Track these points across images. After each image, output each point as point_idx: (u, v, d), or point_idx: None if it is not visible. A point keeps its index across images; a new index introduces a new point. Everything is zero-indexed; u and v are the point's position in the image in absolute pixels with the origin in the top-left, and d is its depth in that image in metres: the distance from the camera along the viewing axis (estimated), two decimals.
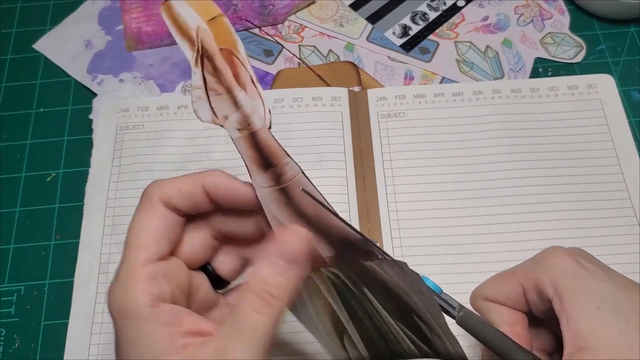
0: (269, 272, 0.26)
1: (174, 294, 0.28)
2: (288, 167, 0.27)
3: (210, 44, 0.26)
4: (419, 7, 0.55)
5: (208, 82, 0.26)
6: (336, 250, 0.27)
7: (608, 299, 0.28)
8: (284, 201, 0.27)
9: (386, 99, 0.49)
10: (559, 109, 0.48)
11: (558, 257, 0.30)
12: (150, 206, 0.28)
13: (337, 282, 0.27)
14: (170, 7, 0.26)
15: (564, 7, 0.55)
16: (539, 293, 0.30)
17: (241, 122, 0.26)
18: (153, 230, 0.27)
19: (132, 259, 0.27)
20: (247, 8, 0.55)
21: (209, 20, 0.26)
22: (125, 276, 0.27)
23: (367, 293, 0.27)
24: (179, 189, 0.28)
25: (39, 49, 0.54)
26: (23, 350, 0.41)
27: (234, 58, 0.26)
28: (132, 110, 0.49)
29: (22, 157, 0.48)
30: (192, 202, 0.28)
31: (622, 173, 0.45)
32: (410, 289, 0.26)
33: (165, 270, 0.28)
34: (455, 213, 0.44)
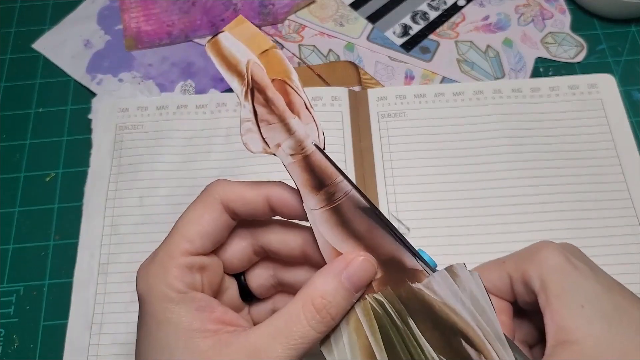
0: (334, 292, 0.26)
1: (204, 287, 0.28)
2: (340, 185, 0.27)
3: (262, 76, 0.26)
4: (419, 7, 0.55)
5: (259, 114, 0.26)
6: (383, 270, 0.27)
7: (592, 298, 0.28)
8: (335, 221, 0.27)
9: (386, 99, 0.49)
10: (559, 109, 0.48)
11: (547, 252, 0.30)
12: (208, 203, 0.28)
13: (380, 313, 0.27)
14: (218, 42, 0.26)
15: (565, 7, 0.55)
16: (525, 285, 0.30)
17: (294, 147, 0.27)
18: (203, 228, 0.27)
19: (174, 246, 0.27)
20: (247, 7, 0.55)
21: (261, 54, 0.26)
22: (163, 259, 0.27)
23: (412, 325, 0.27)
24: (242, 195, 0.28)
25: (38, 48, 0.54)
26: (22, 351, 0.41)
27: (287, 86, 0.26)
28: (131, 110, 0.49)
29: (21, 157, 0.48)
30: (252, 211, 0.28)
31: (622, 173, 0.45)
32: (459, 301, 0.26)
33: (203, 264, 0.28)
34: (455, 213, 0.44)
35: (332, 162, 0.27)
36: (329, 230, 0.27)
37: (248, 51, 0.26)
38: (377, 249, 0.27)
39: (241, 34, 0.26)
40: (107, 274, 0.42)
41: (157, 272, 0.27)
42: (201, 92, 0.51)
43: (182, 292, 0.26)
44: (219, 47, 0.26)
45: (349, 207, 0.27)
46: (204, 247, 0.28)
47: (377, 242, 0.27)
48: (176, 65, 0.53)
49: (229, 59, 0.26)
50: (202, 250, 0.28)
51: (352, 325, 0.27)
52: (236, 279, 0.31)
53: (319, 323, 0.26)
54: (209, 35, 0.54)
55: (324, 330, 0.26)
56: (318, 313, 0.26)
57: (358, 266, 0.26)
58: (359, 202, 0.27)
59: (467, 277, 0.26)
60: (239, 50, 0.26)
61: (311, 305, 0.26)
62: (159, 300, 0.26)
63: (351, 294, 0.26)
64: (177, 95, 0.51)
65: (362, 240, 0.27)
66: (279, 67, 0.26)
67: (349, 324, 0.27)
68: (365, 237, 0.27)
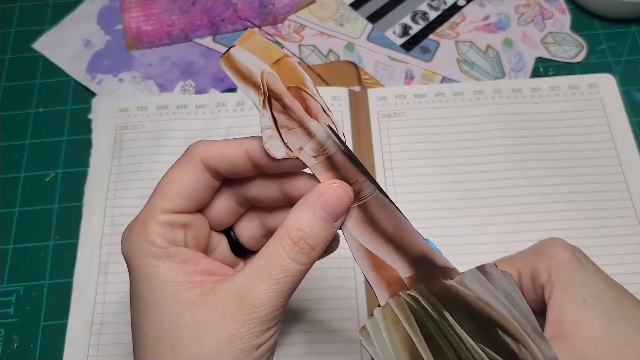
0: (310, 223, 0.26)
1: (189, 244, 0.28)
2: (365, 184, 0.27)
3: (277, 85, 0.26)
4: (419, 7, 0.55)
5: (278, 121, 0.27)
6: (415, 269, 0.28)
7: (595, 294, 0.28)
8: (363, 218, 0.28)
9: (386, 99, 0.49)
10: (559, 109, 0.48)
11: (556, 248, 0.31)
12: (189, 163, 0.28)
13: (416, 307, 0.27)
14: (231, 57, 0.27)
15: (565, 7, 0.55)
16: (533, 280, 0.30)
17: (316, 149, 0.27)
18: (183, 187, 0.28)
19: (155, 205, 0.27)
20: (247, 7, 0.55)
21: (274, 63, 0.26)
22: (144, 218, 0.27)
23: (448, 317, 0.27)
24: (222, 152, 0.28)
25: (38, 48, 0.54)
26: (22, 351, 0.41)
27: (303, 93, 0.26)
28: (131, 110, 0.49)
29: (21, 157, 0.48)
30: (232, 166, 0.28)
31: (622, 173, 0.45)
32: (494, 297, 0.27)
33: (185, 221, 0.28)
34: (455, 213, 0.44)
35: (356, 162, 0.27)
36: (357, 227, 0.28)
37: (261, 62, 0.26)
38: (407, 248, 0.28)
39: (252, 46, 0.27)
40: (107, 274, 0.42)
41: (139, 230, 0.27)
42: (201, 92, 0.51)
43: (163, 247, 0.27)
44: (232, 61, 0.27)
45: (376, 206, 0.27)
46: (184, 205, 0.28)
47: (407, 241, 0.28)
48: (176, 65, 0.53)
49: (243, 72, 0.27)
50: (184, 209, 0.28)
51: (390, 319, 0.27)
52: (226, 236, 0.31)
53: (299, 254, 0.26)
54: (209, 35, 0.54)
55: (306, 262, 0.26)
56: (296, 244, 0.26)
57: (331, 194, 0.27)
58: (384, 202, 0.27)
59: (499, 275, 0.27)
60: (251, 63, 0.27)
61: (288, 238, 0.26)
62: (142, 256, 0.27)
63: (328, 223, 0.27)
64: (177, 95, 0.51)
65: (391, 239, 0.28)
66: (292, 75, 0.26)
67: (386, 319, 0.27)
68: (394, 236, 0.28)
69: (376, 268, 0.28)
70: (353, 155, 0.27)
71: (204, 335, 0.25)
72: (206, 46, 0.53)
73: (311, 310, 0.41)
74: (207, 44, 0.54)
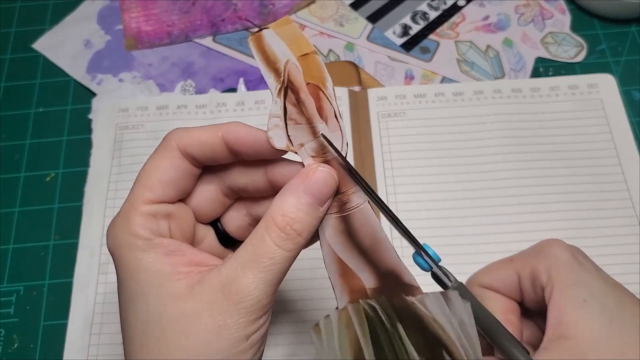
0: (294, 208, 0.26)
1: (174, 236, 0.28)
2: (354, 195, 0.27)
3: (298, 77, 0.26)
4: (419, 7, 0.55)
5: (289, 112, 0.26)
6: (381, 282, 0.28)
7: (596, 294, 0.28)
8: (342, 229, 0.27)
9: (386, 99, 0.49)
10: (559, 109, 0.48)
11: (556, 248, 0.30)
12: (165, 151, 0.28)
13: (372, 315, 0.27)
14: (261, 37, 0.27)
15: (565, 7, 0.55)
16: (533, 281, 0.30)
17: (317, 150, 0.27)
18: (162, 175, 0.27)
19: (136, 196, 0.27)
20: (247, 7, 0.55)
21: (301, 56, 0.26)
22: (126, 211, 0.27)
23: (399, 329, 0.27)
24: (198, 137, 0.28)
25: (38, 48, 0.54)
26: (22, 351, 0.41)
27: (320, 93, 0.26)
28: (131, 110, 0.49)
29: (21, 157, 0.48)
30: (209, 152, 0.28)
31: (622, 173, 0.45)
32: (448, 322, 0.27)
33: (168, 211, 0.28)
34: (455, 213, 0.44)
35: (354, 173, 0.27)
36: (333, 235, 0.28)
37: (289, 51, 0.26)
38: (378, 262, 0.28)
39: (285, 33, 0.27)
40: (107, 273, 0.42)
41: (122, 223, 0.27)
42: (201, 92, 0.51)
43: (147, 238, 0.26)
44: (261, 42, 0.27)
45: (358, 220, 0.27)
46: (165, 194, 0.27)
47: (380, 256, 0.28)
48: (176, 65, 0.53)
49: (269, 55, 0.27)
50: (165, 198, 0.28)
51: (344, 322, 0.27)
52: (213, 227, 0.31)
53: (285, 240, 0.26)
54: (209, 36, 0.54)
55: (292, 248, 0.26)
56: (282, 231, 0.26)
57: (315, 178, 0.26)
58: (369, 216, 0.27)
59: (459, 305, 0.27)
60: (280, 49, 0.26)
61: (273, 225, 0.26)
62: (127, 249, 0.26)
63: (313, 207, 0.26)
64: (177, 95, 0.51)
65: (364, 253, 0.28)
66: (316, 73, 0.26)
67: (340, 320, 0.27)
68: (368, 250, 0.27)
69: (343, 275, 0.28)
70: (352, 168, 0.27)
71: (190, 327, 0.25)
72: (206, 46, 0.53)
73: (308, 310, 0.40)
74: (207, 44, 0.54)
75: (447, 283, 0.29)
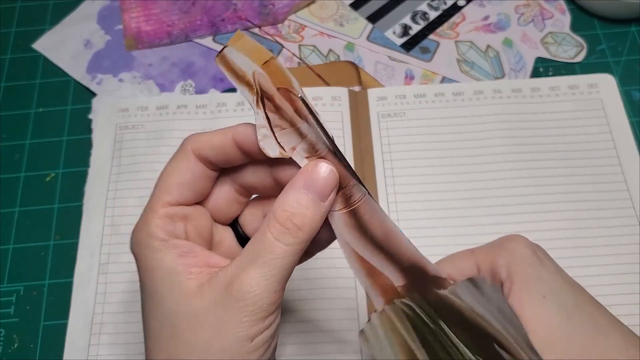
0: (294, 203, 0.26)
1: (191, 237, 0.29)
2: (356, 188, 0.27)
3: (267, 85, 0.26)
4: (419, 7, 0.55)
5: (272, 120, 0.27)
6: (407, 277, 0.28)
7: (555, 291, 0.28)
8: (353, 224, 0.28)
9: (386, 99, 0.49)
10: (559, 109, 0.48)
11: (516, 244, 0.30)
12: (182, 155, 0.29)
13: (411, 314, 0.27)
14: (225, 56, 0.27)
15: (565, 7, 0.55)
16: (492, 275, 0.30)
17: (308, 150, 0.27)
18: (178, 177, 0.28)
19: (155, 200, 0.28)
20: (247, 7, 0.55)
21: (263, 64, 0.26)
22: (146, 214, 0.28)
23: (443, 327, 0.27)
24: (210, 141, 0.28)
25: (38, 48, 0.54)
26: (22, 351, 0.41)
27: (291, 95, 0.26)
28: (131, 110, 0.49)
29: (22, 157, 0.48)
30: (222, 154, 0.28)
31: (622, 173, 0.45)
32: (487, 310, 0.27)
33: (185, 213, 0.29)
34: (455, 213, 0.44)
35: (346, 165, 0.27)
36: (348, 233, 0.28)
37: (252, 63, 0.27)
38: (397, 255, 0.28)
39: (243, 47, 0.27)
40: (107, 274, 0.42)
41: (141, 225, 0.28)
42: (201, 92, 0.51)
43: (163, 239, 0.27)
44: (226, 60, 0.27)
45: (366, 211, 0.27)
46: (182, 196, 0.28)
47: (396, 248, 0.28)
48: (176, 65, 0.53)
49: (237, 71, 0.27)
50: (182, 200, 0.28)
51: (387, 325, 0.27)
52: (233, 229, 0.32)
53: (285, 234, 0.26)
54: (209, 36, 0.54)
55: (293, 242, 0.26)
56: (282, 225, 0.26)
57: (315, 173, 0.27)
58: (375, 207, 0.27)
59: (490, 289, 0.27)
60: (244, 63, 0.27)
61: (274, 220, 0.26)
62: (145, 250, 0.27)
63: (314, 202, 0.26)
64: (177, 95, 0.51)
65: (381, 247, 0.28)
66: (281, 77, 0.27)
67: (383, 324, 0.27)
68: (383, 243, 0.28)
69: (370, 275, 0.28)
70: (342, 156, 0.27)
71: (198, 325, 0.25)
72: (206, 46, 0.53)
73: (311, 310, 0.41)
74: (207, 44, 0.54)
75: None
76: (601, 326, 0.28)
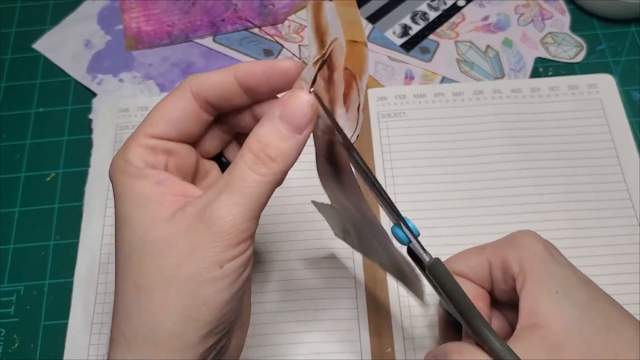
0: (269, 134, 0.26)
1: (171, 170, 0.28)
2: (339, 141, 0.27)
3: (339, 57, 0.26)
4: (419, 7, 0.55)
5: (317, 84, 0.26)
6: None
7: (568, 286, 0.28)
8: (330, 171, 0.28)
9: (386, 99, 0.49)
10: (559, 109, 0.48)
11: (528, 239, 0.30)
12: (178, 93, 0.28)
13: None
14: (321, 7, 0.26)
15: (565, 7, 0.55)
16: (504, 270, 0.30)
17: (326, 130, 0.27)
18: (167, 114, 0.28)
19: (139, 130, 0.28)
20: (247, 8, 0.55)
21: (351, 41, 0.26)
22: (127, 141, 0.28)
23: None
24: (210, 78, 0.28)
25: (38, 48, 0.54)
26: (22, 351, 0.41)
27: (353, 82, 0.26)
28: (131, 110, 0.49)
29: (22, 157, 0.48)
30: (221, 92, 0.28)
31: (622, 173, 0.45)
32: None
33: (168, 148, 0.29)
34: (455, 213, 0.44)
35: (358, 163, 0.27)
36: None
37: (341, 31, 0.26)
38: None
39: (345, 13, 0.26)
40: (107, 273, 0.43)
41: (121, 152, 0.28)
42: None
43: (140, 167, 0.27)
44: (319, 10, 0.26)
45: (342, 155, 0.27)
46: (166, 132, 0.28)
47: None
48: (176, 65, 0.53)
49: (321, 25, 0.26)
50: (166, 135, 0.28)
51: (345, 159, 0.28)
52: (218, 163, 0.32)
53: (257, 164, 0.26)
54: (209, 36, 0.54)
55: (265, 173, 0.26)
56: (255, 155, 0.26)
57: (291, 105, 0.26)
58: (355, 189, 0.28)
59: None
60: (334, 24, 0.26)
61: (248, 150, 0.26)
62: (119, 175, 0.27)
63: (289, 133, 0.26)
64: None
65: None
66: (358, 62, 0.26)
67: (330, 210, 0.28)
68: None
69: None
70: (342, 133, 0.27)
71: (167, 250, 0.25)
72: (206, 46, 0.53)
73: (310, 310, 0.41)
74: (207, 44, 0.54)
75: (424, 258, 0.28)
76: (615, 321, 0.28)
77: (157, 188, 0.27)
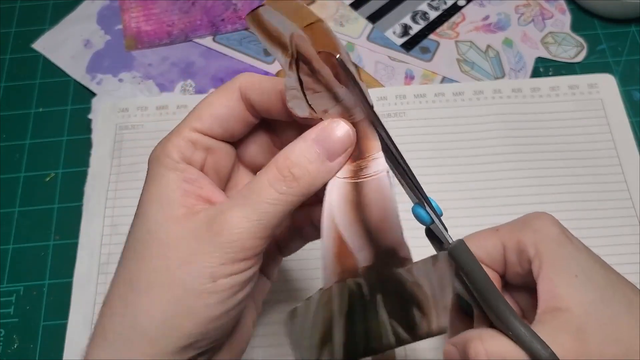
0: (299, 153, 0.25)
1: (207, 170, 0.28)
2: (375, 162, 0.26)
3: (307, 48, 0.25)
4: (419, 7, 0.55)
5: (305, 83, 0.25)
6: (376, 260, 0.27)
7: (586, 270, 0.28)
8: (351, 199, 0.26)
9: (386, 99, 0.49)
10: (559, 109, 0.48)
11: (544, 222, 0.30)
12: (227, 89, 0.28)
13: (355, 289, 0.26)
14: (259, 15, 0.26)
15: (565, 7, 0.55)
16: (519, 253, 0.30)
17: (342, 114, 0.26)
18: (214, 109, 0.27)
19: (184, 122, 0.28)
20: (247, 7, 0.55)
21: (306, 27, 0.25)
22: (170, 133, 0.28)
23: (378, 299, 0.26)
24: (260, 83, 0.27)
25: (38, 48, 0.54)
26: (22, 351, 0.41)
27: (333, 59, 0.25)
28: (131, 110, 0.49)
29: (21, 157, 0.48)
30: (267, 101, 0.27)
31: (622, 173, 0.45)
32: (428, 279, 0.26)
33: (209, 145, 0.28)
34: (455, 213, 0.44)
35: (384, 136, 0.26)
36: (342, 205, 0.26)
37: (291, 24, 0.25)
38: (380, 241, 0.26)
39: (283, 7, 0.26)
40: (107, 274, 0.42)
41: (162, 142, 0.27)
42: (201, 92, 0.51)
43: (175, 160, 0.26)
44: (260, 20, 0.26)
45: (372, 190, 0.26)
46: (211, 127, 0.27)
47: (385, 235, 0.26)
48: (176, 65, 0.53)
49: (271, 31, 0.26)
50: (210, 131, 0.28)
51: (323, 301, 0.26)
52: None
53: (279, 181, 0.25)
54: (209, 35, 0.54)
55: (285, 192, 0.25)
56: (279, 171, 0.25)
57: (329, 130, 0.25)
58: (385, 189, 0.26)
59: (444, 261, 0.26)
60: (281, 24, 0.25)
61: (273, 165, 0.25)
62: (154, 162, 0.27)
63: (320, 159, 0.25)
64: (177, 95, 0.51)
65: (369, 231, 0.26)
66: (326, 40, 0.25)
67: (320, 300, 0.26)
68: (374, 229, 0.26)
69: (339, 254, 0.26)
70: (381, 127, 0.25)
71: (168, 250, 0.25)
72: (206, 46, 0.53)
73: None
74: (207, 44, 0.54)
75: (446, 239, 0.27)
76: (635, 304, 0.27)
77: (185, 185, 0.26)
